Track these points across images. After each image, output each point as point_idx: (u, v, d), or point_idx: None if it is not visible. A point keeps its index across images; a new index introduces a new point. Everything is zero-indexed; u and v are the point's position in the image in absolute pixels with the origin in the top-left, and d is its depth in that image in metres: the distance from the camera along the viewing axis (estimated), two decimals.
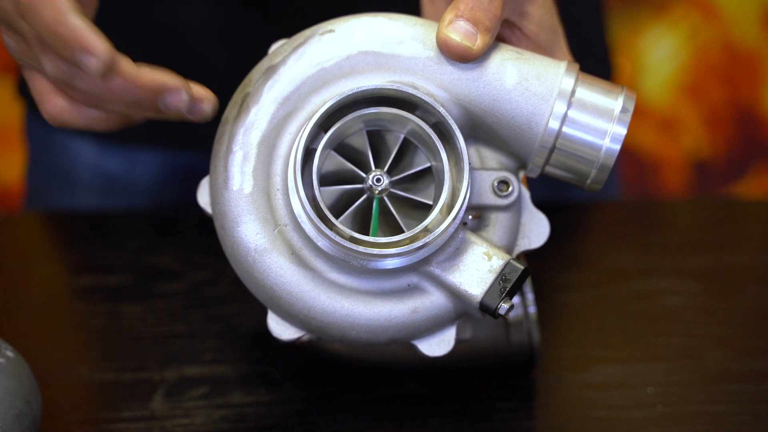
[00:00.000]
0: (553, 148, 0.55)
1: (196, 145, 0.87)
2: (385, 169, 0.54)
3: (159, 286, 0.73)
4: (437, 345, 0.55)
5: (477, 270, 0.54)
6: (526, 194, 0.57)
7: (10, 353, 0.56)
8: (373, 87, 0.53)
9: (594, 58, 0.93)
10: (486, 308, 0.53)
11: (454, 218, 0.52)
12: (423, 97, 0.52)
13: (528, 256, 0.64)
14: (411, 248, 0.52)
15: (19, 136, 0.97)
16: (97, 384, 0.64)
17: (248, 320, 0.69)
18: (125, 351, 0.67)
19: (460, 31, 0.53)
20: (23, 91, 0.93)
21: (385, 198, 0.54)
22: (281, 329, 0.55)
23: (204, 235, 0.81)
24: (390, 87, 0.53)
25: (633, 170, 1.63)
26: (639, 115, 1.61)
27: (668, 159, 1.64)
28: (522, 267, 0.54)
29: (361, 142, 0.54)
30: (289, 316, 0.55)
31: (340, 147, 0.55)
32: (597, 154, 0.55)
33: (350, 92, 0.52)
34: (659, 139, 1.63)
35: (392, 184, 0.54)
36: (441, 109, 0.52)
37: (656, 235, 0.84)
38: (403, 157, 0.55)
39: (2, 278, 0.76)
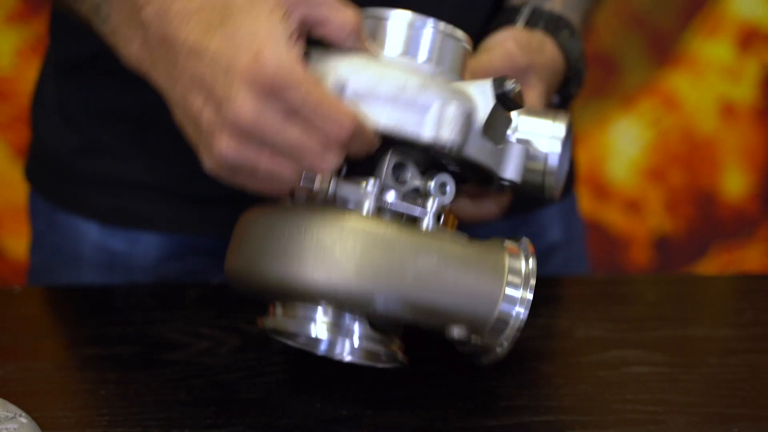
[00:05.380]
0: None
1: (191, 228, 0.88)
2: None
3: (163, 355, 0.73)
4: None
5: None
6: None
7: (23, 419, 0.56)
8: None
9: None
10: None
11: None
12: None
13: None
14: None
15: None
16: None
17: (245, 387, 0.69)
18: (131, 416, 0.67)
19: None
20: (30, 174, 0.93)
21: None
22: None
23: (205, 308, 0.82)
24: None
25: (603, 247, 1.64)
26: (608, 197, 1.62)
27: (635, 238, 1.64)
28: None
29: None
30: None
31: None
32: None
33: None
34: (626, 219, 1.64)
35: None
36: None
37: (624, 308, 0.84)
38: None
39: (17, 348, 0.75)
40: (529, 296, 0.57)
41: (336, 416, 0.66)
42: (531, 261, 0.56)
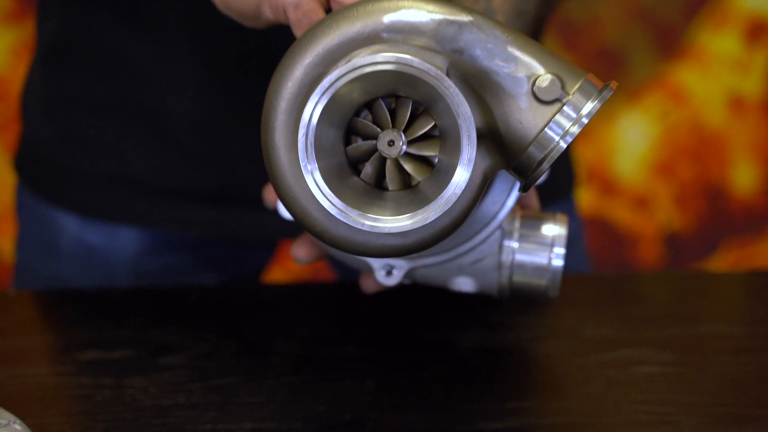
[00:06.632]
0: None
1: (168, 224, 0.88)
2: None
3: (161, 359, 0.73)
4: None
5: None
6: None
7: (17, 426, 0.56)
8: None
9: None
10: None
11: None
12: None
13: (512, 329, 0.63)
14: None
15: None
16: None
17: (246, 391, 0.68)
18: (128, 422, 0.66)
19: None
20: (16, 165, 0.93)
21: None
22: None
23: (205, 311, 0.81)
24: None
25: (610, 245, 1.64)
26: (615, 193, 1.62)
27: (643, 234, 1.64)
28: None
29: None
30: None
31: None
32: None
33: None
34: (634, 216, 1.63)
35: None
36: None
37: (632, 307, 0.83)
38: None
39: (11, 353, 0.75)
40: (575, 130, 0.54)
41: (339, 420, 0.65)
42: (596, 104, 0.54)
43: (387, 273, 0.65)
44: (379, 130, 0.54)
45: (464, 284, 0.66)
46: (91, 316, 0.80)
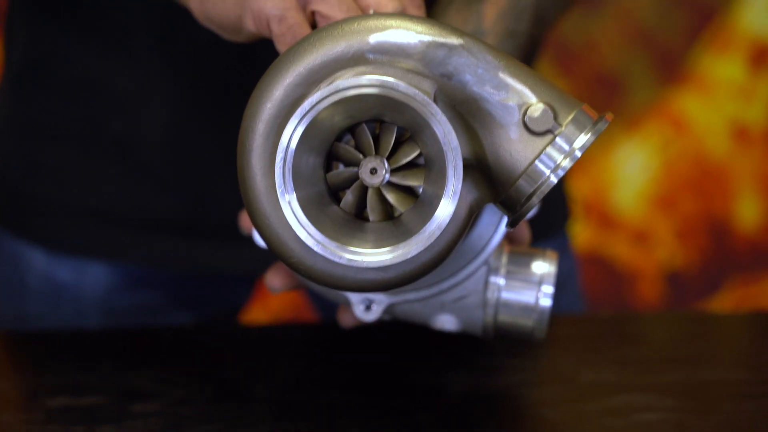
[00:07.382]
0: None
1: (142, 259, 0.88)
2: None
3: (134, 406, 0.73)
4: None
5: None
6: None
7: None
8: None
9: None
10: None
11: None
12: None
13: (503, 372, 0.64)
14: None
15: None
16: None
17: None
18: None
19: None
20: None
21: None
22: None
23: (181, 354, 0.82)
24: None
25: (608, 283, 1.64)
26: (613, 228, 1.63)
27: (643, 272, 1.65)
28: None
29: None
30: None
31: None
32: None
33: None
34: (633, 252, 1.64)
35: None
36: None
37: (630, 350, 0.84)
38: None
39: None
40: (567, 164, 0.54)
41: None
42: (590, 137, 0.54)
43: (366, 308, 0.66)
44: (361, 156, 0.54)
45: (447, 322, 0.67)
46: (60, 359, 0.80)
